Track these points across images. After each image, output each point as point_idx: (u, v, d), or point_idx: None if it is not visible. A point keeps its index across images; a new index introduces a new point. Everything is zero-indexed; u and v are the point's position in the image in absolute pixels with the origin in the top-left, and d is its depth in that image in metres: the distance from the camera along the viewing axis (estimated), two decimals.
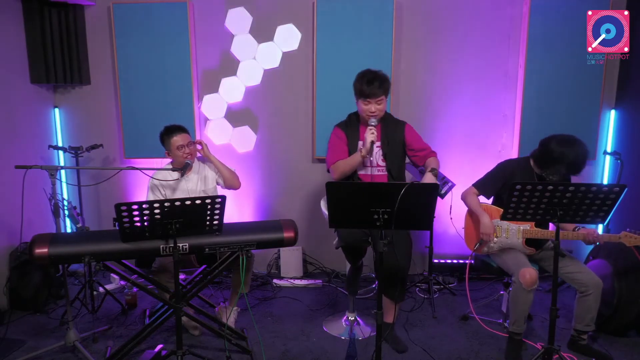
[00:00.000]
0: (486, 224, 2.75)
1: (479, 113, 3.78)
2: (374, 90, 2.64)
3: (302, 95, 3.80)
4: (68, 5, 3.63)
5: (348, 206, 2.06)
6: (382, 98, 2.68)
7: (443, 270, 3.89)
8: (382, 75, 2.70)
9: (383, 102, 2.70)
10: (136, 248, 2.42)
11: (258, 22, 3.71)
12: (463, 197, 2.91)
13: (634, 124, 3.54)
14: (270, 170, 3.93)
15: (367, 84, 2.65)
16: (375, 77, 2.67)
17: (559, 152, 2.58)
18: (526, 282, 2.53)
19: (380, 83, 2.65)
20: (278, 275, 3.92)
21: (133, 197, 3.94)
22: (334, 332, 2.98)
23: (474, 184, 2.90)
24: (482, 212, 2.79)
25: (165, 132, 2.94)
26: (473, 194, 2.87)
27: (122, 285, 3.65)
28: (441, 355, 2.72)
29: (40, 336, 2.94)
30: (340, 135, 2.83)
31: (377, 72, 2.70)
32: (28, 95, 3.62)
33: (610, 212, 2.21)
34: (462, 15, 3.66)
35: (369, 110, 2.69)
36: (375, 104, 2.68)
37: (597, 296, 2.58)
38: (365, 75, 2.70)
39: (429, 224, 2.14)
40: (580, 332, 2.68)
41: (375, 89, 2.64)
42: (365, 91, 2.67)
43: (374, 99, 2.66)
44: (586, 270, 2.64)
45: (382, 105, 2.70)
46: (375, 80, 2.65)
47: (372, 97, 2.66)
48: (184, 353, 2.34)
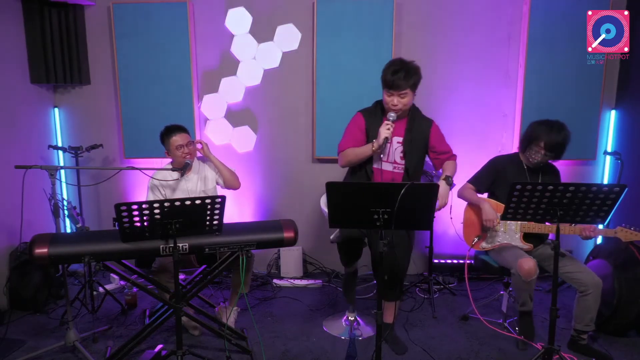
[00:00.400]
0: (488, 210, 2.76)
1: (479, 113, 3.78)
2: (398, 81, 2.44)
3: (302, 95, 3.80)
4: (68, 5, 3.63)
5: (348, 206, 2.06)
6: (407, 91, 2.47)
7: (443, 270, 3.89)
8: (411, 66, 2.48)
9: (408, 95, 2.49)
10: (136, 248, 2.42)
11: (258, 22, 3.71)
12: (459, 193, 2.95)
13: (634, 124, 3.54)
14: (270, 170, 3.93)
15: (392, 74, 2.45)
16: (402, 67, 2.46)
17: (536, 132, 2.67)
18: (524, 272, 2.55)
19: (405, 74, 2.44)
20: (278, 275, 3.92)
21: (133, 197, 3.94)
22: (334, 332, 2.98)
23: (468, 180, 2.96)
24: (482, 200, 2.82)
25: (165, 131, 2.95)
26: (469, 189, 2.91)
27: (122, 285, 3.65)
28: (441, 355, 2.72)
29: (40, 336, 2.94)
30: (359, 123, 2.65)
31: (407, 63, 2.49)
32: (28, 95, 3.62)
33: (610, 212, 2.21)
34: (462, 15, 3.66)
35: (392, 102, 2.50)
36: (398, 96, 2.48)
37: (597, 296, 2.59)
38: (393, 64, 2.51)
39: (429, 224, 2.14)
40: (580, 332, 2.68)
41: (399, 80, 2.43)
42: (388, 81, 2.47)
43: (397, 91, 2.47)
44: (586, 269, 2.65)
45: (406, 99, 2.50)
46: (401, 71, 2.44)
47: (395, 89, 2.46)
48: (184, 353, 2.33)
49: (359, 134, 2.63)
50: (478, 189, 2.91)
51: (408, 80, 2.44)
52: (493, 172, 2.87)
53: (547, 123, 2.69)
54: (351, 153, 2.61)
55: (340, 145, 2.68)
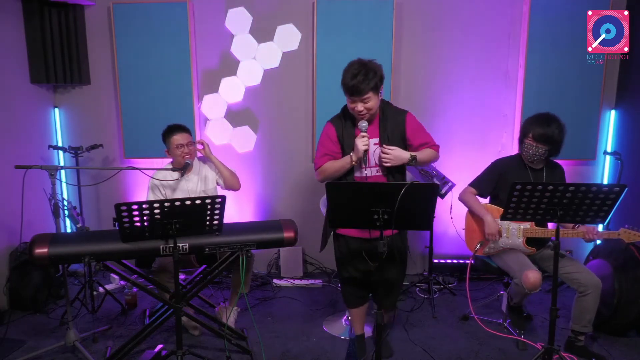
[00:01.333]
0: (490, 224, 2.73)
1: (479, 113, 3.78)
2: (358, 86, 2.22)
3: (302, 95, 3.80)
4: (68, 5, 3.63)
5: (348, 206, 2.06)
6: (369, 95, 2.26)
7: (443, 270, 3.89)
8: (370, 67, 2.26)
9: (371, 99, 2.27)
10: (136, 248, 2.42)
11: (258, 22, 3.71)
12: (461, 197, 2.91)
13: (634, 124, 3.54)
14: (270, 170, 3.93)
15: (351, 78, 2.23)
16: (361, 69, 2.23)
17: (525, 126, 2.68)
18: (530, 285, 2.53)
19: (364, 77, 2.21)
20: (278, 275, 3.92)
21: (133, 197, 3.94)
22: (334, 332, 2.98)
23: (470, 183, 2.91)
24: (484, 211, 2.78)
25: (166, 130, 2.95)
26: (470, 193, 2.86)
27: (122, 285, 3.65)
28: (441, 355, 2.72)
29: (40, 336, 2.94)
30: (331, 134, 2.47)
31: (365, 64, 2.26)
32: (28, 95, 3.62)
33: (610, 212, 2.21)
34: (462, 15, 3.66)
35: (356, 109, 2.31)
36: (361, 102, 2.28)
37: (596, 297, 2.58)
38: (351, 67, 2.27)
39: (429, 224, 2.14)
40: (577, 333, 2.67)
41: (359, 84, 2.21)
42: (348, 87, 2.25)
43: (358, 97, 2.26)
44: (585, 270, 2.64)
45: (370, 103, 2.28)
46: (360, 74, 2.21)
47: (356, 95, 2.25)
48: (184, 353, 2.34)
49: (332, 146, 2.46)
50: (480, 192, 2.87)
51: (368, 83, 2.23)
52: (496, 176, 2.82)
53: (535, 116, 2.69)
54: (330, 168, 2.45)
55: (316, 162, 2.51)
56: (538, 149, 2.65)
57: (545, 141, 2.61)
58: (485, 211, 2.78)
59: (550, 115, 2.66)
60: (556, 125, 2.61)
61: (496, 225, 2.72)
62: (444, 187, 3.37)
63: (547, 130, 2.60)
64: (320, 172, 2.49)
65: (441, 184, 3.36)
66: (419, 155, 2.40)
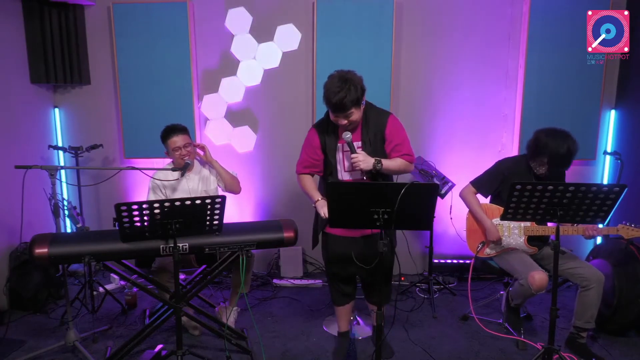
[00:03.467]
0: (490, 230, 2.75)
1: (479, 113, 3.78)
2: (340, 103, 2.24)
3: (302, 95, 3.80)
4: (68, 5, 3.63)
5: (348, 206, 2.06)
6: (352, 111, 2.29)
7: (443, 270, 3.90)
8: (351, 80, 2.26)
9: (354, 114, 2.31)
10: (136, 248, 2.42)
11: (258, 22, 3.71)
12: (462, 195, 2.91)
13: (634, 124, 3.54)
14: (270, 170, 3.93)
15: (333, 95, 2.24)
16: (342, 86, 2.23)
17: (543, 142, 2.60)
18: (536, 286, 2.53)
19: (347, 93, 2.22)
20: (278, 275, 3.92)
21: (133, 197, 3.94)
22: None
23: (471, 181, 2.89)
24: (484, 216, 2.79)
25: (164, 132, 2.93)
26: (471, 193, 2.86)
27: (122, 285, 3.65)
28: (441, 355, 2.72)
29: (40, 336, 2.94)
30: (314, 141, 2.51)
31: (346, 79, 2.26)
32: (28, 95, 3.62)
33: (610, 212, 2.21)
34: (462, 15, 3.66)
35: (340, 122, 2.35)
36: (343, 117, 2.32)
37: (599, 291, 2.57)
38: (332, 84, 2.27)
39: (429, 224, 2.14)
40: (579, 330, 2.66)
41: (341, 101, 2.23)
42: (331, 104, 2.29)
43: (341, 113, 2.30)
44: (587, 264, 2.64)
45: (353, 117, 2.32)
46: (342, 92, 2.22)
47: (339, 112, 2.30)
48: (184, 353, 2.33)
49: (314, 153, 2.52)
50: (481, 192, 2.86)
51: (351, 100, 2.24)
52: (500, 177, 2.80)
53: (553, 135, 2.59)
54: (303, 186, 2.56)
55: (297, 167, 2.60)
56: (550, 173, 2.67)
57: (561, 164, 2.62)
58: (485, 216, 2.79)
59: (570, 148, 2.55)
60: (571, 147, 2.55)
61: (496, 230, 2.75)
62: (444, 187, 3.37)
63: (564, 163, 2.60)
64: (299, 180, 2.61)
65: (441, 184, 3.36)
66: (385, 162, 2.36)
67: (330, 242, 2.61)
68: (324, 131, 2.51)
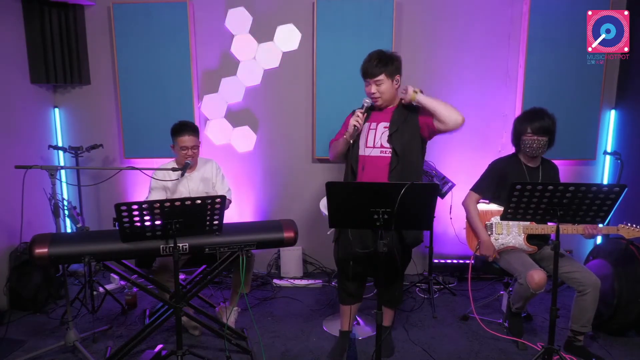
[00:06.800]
0: (486, 244, 2.78)
1: (479, 113, 3.78)
2: (371, 69, 2.43)
3: (302, 95, 3.80)
4: (68, 5, 3.63)
5: (348, 206, 2.06)
6: (382, 78, 2.44)
7: (443, 270, 3.90)
8: (387, 54, 2.47)
9: (383, 83, 2.45)
10: (136, 248, 2.42)
11: (258, 22, 3.71)
12: (464, 202, 2.92)
13: (634, 124, 3.54)
14: (270, 170, 3.93)
15: (367, 61, 2.47)
16: (376, 55, 2.45)
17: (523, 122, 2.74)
18: (535, 285, 2.53)
19: (378, 61, 2.42)
20: (278, 275, 3.92)
21: (133, 197, 3.94)
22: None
23: (472, 188, 2.91)
24: (482, 231, 2.81)
25: (177, 128, 2.93)
26: (473, 201, 2.87)
27: (122, 285, 3.65)
28: (441, 355, 2.72)
29: (40, 336, 2.94)
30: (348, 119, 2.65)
31: (383, 52, 2.48)
32: (28, 95, 3.62)
33: (610, 212, 2.21)
34: (462, 15, 3.66)
35: (370, 91, 2.49)
36: (374, 84, 2.46)
37: (595, 296, 2.58)
38: (370, 54, 2.50)
39: (429, 224, 2.14)
40: (576, 333, 2.67)
41: (372, 67, 2.43)
42: (363, 69, 2.49)
43: (371, 79, 2.45)
44: (584, 269, 2.64)
45: (383, 86, 2.45)
46: (374, 59, 2.44)
47: (369, 77, 2.46)
48: (184, 353, 2.33)
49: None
50: (483, 196, 2.88)
51: (381, 67, 2.42)
52: (495, 177, 2.83)
53: (525, 113, 2.80)
54: (335, 146, 2.67)
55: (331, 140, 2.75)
56: (540, 141, 2.69)
57: (544, 132, 2.69)
58: (483, 230, 2.81)
59: (539, 109, 2.75)
60: (548, 117, 2.72)
61: (491, 246, 2.78)
62: (444, 187, 3.37)
63: (543, 123, 2.69)
64: (330, 149, 2.72)
65: (441, 183, 3.36)
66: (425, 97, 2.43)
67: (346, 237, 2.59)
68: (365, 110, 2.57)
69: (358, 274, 2.63)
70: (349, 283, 2.66)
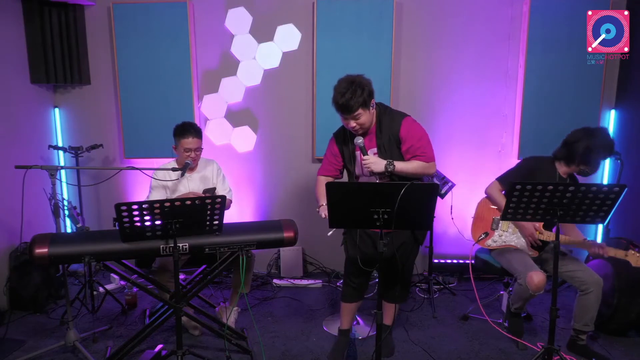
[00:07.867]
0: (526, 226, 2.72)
1: (479, 113, 3.78)
2: (347, 104, 2.27)
3: (302, 95, 3.80)
4: (68, 5, 3.63)
5: (348, 206, 2.06)
6: (360, 112, 2.30)
7: (443, 270, 3.90)
8: (359, 82, 2.29)
9: (362, 115, 2.32)
10: (136, 248, 2.42)
11: (258, 22, 3.71)
12: (487, 192, 2.86)
13: (634, 124, 3.54)
14: (270, 170, 3.93)
15: (340, 96, 2.27)
16: (348, 88, 2.27)
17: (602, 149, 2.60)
18: (534, 286, 2.53)
19: (352, 95, 2.25)
20: (278, 275, 3.92)
21: (133, 197, 3.94)
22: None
23: (497, 178, 2.84)
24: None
25: (180, 129, 2.92)
26: (497, 190, 2.81)
27: (122, 285, 3.65)
28: (441, 355, 2.72)
29: (40, 336, 2.94)
30: (333, 149, 2.59)
31: (353, 80, 2.30)
32: (28, 95, 3.62)
33: (610, 212, 2.21)
34: (462, 15, 3.66)
35: (349, 125, 2.37)
36: (352, 119, 2.33)
37: (598, 295, 2.57)
38: (339, 86, 2.31)
39: (429, 224, 2.14)
40: (579, 332, 2.67)
41: (348, 102, 2.26)
42: (338, 106, 2.31)
43: (349, 114, 2.31)
44: (586, 268, 2.64)
45: (362, 119, 2.33)
46: (347, 93, 2.26)
47: (346, 113, 2.31)
48: (184, 353, 2.33)
49: (334, 160, 2.61)
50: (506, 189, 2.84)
51: (357, 101, 2.27)
52: (525, 173, 2.75)
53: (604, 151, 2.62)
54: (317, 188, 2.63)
55: (319, 170, 2.69)
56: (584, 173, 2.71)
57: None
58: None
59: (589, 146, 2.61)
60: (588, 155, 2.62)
61: (531, 227, 2.71)
62: (444, 187, 3.37)
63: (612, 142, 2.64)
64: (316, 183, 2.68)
65: (441, 184, 3.36)
66: (399, 164, 2.37)
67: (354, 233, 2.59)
68: (341, 140, 2.57)
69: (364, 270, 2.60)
70: (354, 278, 2.65)
